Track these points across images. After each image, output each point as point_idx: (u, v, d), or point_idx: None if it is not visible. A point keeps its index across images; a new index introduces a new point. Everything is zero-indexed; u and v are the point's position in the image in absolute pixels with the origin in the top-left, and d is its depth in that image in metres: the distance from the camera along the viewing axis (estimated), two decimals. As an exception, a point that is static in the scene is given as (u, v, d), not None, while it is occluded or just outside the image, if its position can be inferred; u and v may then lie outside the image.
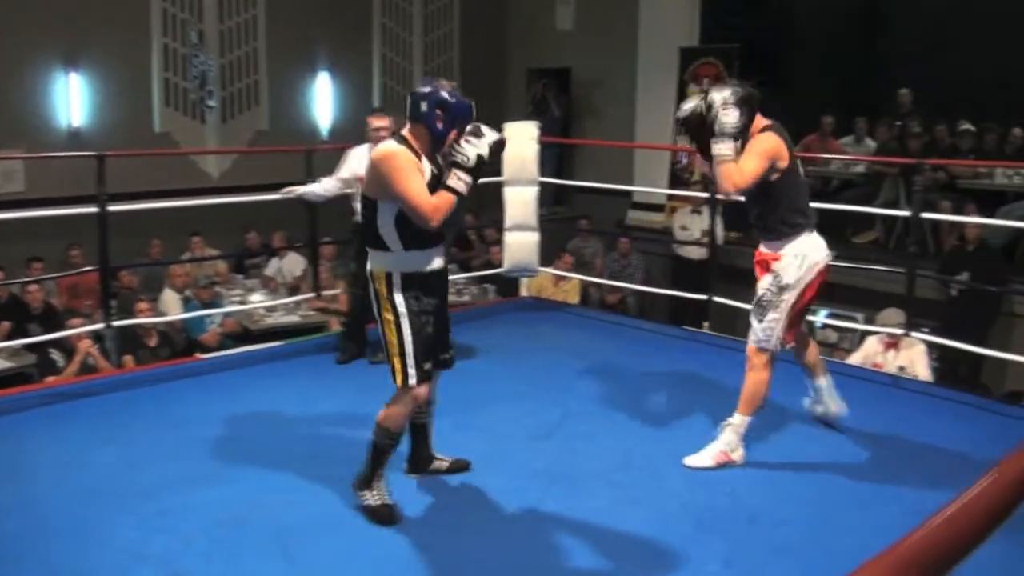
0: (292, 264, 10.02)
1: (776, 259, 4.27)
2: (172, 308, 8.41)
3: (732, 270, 9.57)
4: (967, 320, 8.26)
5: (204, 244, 9.86)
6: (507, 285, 8.80)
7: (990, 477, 1.33)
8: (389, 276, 3.70)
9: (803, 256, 4.25)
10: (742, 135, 4.16)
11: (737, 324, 8.92)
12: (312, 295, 7.13)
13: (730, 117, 4.11)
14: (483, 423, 4.86)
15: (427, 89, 3.71)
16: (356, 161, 5.75)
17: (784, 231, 4.27)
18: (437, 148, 3.72)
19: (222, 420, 4.87)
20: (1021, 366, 6.09)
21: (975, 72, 10.93)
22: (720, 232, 8.94)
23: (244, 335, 8.35)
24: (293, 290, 9.22)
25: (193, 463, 4.31)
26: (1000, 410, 5.37)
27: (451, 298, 9.36)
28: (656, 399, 5.35)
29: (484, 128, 3.71)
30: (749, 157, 4.16)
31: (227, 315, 8.47)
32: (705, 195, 8.47)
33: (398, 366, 3.73)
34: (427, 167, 3.68)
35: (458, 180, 3.62)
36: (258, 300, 8.89)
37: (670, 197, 10.98)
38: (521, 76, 13.31)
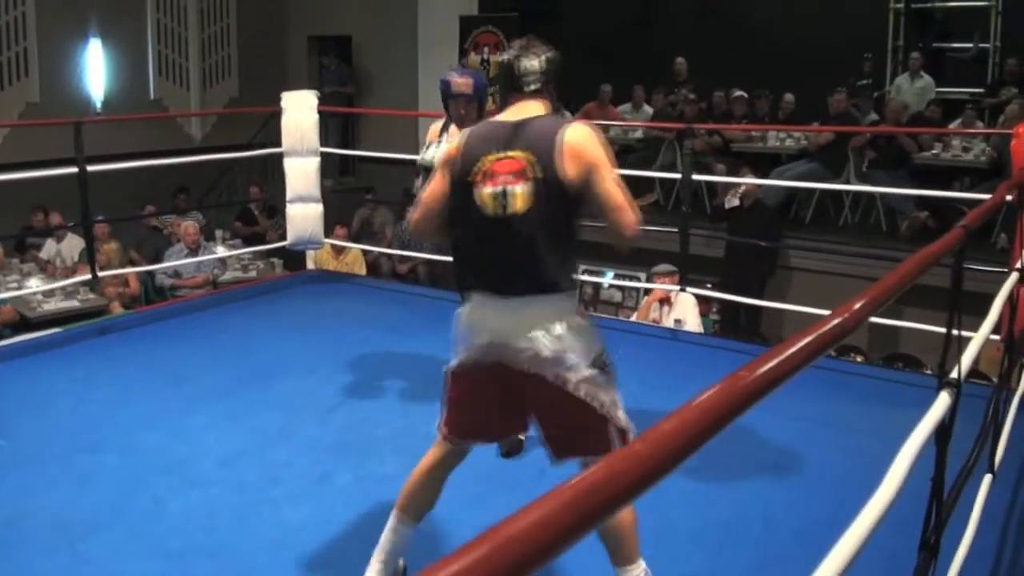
0: (71, 246, 9.63)
1: None
2: (-54, 298, 7.98)
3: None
4: (746, 274, 8.75)
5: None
6: (294, 259, 8.76)
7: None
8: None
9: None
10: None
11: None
12: (89, 277, 6.86)
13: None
14: (275, 398, 4.91)
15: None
16: None
17: None
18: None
19: (-3, 416, 4.71)
20: (796, 315, 6.49)
21: (748, 41, 11.45)
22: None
23: (21, 323, 8.01)
24: (72, 274, 8.87)
25: (-32, 463, 4.17)
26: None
27: (237, 274, 9.35)
28: (444, 364, 5.48)
29: (460, 133, 2.93)
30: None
31: (2, 302, 8.09)
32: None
33: None
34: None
35: (422, 182, 3.71)
36: (35, 285, 8.51)
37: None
38: (302, 43, 13.14)
